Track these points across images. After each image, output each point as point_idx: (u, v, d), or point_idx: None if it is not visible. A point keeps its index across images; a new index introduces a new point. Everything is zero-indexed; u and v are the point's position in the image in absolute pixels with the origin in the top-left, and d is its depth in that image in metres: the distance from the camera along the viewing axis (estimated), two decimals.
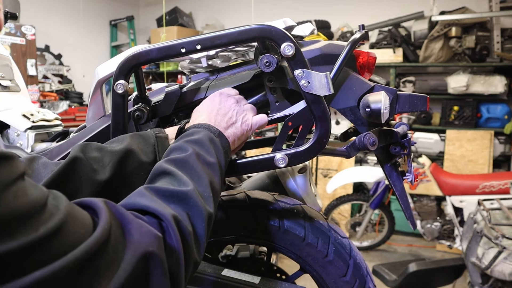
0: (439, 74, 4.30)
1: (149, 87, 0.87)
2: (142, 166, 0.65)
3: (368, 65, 0.78)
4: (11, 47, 3.80)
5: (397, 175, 0.79)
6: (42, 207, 0.34)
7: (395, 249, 3.86)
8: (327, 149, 0.75)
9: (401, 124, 0.76)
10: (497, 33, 3.87)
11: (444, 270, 2.51)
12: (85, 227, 0.37)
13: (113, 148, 0.65)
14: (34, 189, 0.35)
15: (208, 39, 0.67)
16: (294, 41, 0.65)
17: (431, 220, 3.40)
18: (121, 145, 0.65)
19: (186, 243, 0.47)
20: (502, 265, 1.99)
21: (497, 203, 2.45)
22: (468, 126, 3.93)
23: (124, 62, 0.71)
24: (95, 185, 0.61)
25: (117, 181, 0.63)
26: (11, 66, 1.13)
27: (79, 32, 5.37)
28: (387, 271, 2.62)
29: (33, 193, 0.34)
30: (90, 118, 0.85)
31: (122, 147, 0.65)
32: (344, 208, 3.90)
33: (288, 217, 0.88)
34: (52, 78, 4.83)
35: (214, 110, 0.70)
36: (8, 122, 1.00)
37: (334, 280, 0.87)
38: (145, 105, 0.77)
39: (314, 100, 0.68)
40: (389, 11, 4.38)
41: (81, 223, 0.37)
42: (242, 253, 1.06)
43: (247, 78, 0.77)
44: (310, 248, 0.87)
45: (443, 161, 3.90)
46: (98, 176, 0.61)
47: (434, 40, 3.94)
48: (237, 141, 0.70)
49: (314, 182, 2.06)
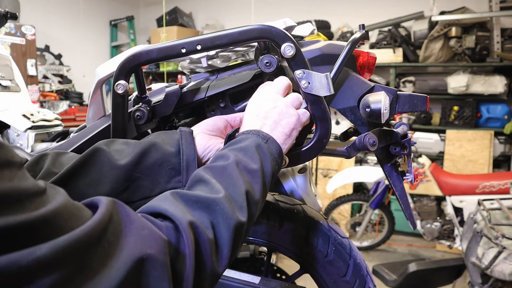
0: (439, 74, 4.30)
1: (149, 87, 0.87)
2: (165, 157, 0.64)
3: (368, 65, 0.78)
4: (11, 47, 3.80)
5: (397, 175, 0.79)
6: (30, 196, 0.33)
7: (395, 249, 3.87)
8: (327, 150, 0.75)
9: (401, 124, 0.76)
10: (497, 33, 3.87)
11: (444, 270, 2.51)
12: (81, 222, 0.36)
13: (137, 141, 0.65)
14: (25, 180, 0.34)
15: (208, 39, 0.67)
16: (295, 41, 0.65)
17: (431, 220, 3.40)
18: (145, 139, 0.66)
19: (200, 251, 0.46)
20: (502, 265, 1.99)
21: (497, 203, 2.45)
22: (468, 126, 3.93)
23: (124, 62, 0.71)
24: (115, 174, 0.61)
25: (138, 171, 0.62)
26: (11, 66, 1.13)
27: (79, 32, 5.37)
28: (387, 271, 2.62)
29: (22, 183, 0.33)
30: (90, 118, 0.85)
31: (147, 140, 0.65)
32: (344, 208, 3.91)
33: (288, 217, 0.88)
34: (52, 78, 4.83)
35: (263, 112, 0.66)
36: (8, 122, 1.00)
37: (334, 280, 0.87)
38: (145, 105, 0.77)
39: (314, 101, 0.68)
40: (389, 11, 4.38)
41: (77, 218, 0.36)
42: (242, 253, 1.06)
43: (247, 78, 0.77)
44: (310, 248, 0.87)
45: (443, 161, 3.91)
46: (118, 162, 0.61)
47: (434, 40, 3.94)
48: (288, 141, 0.67)
49: (314, 182, 2.06)
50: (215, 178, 0.54)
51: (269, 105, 0.67)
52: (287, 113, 0.66)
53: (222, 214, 0.49)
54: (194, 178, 0.56)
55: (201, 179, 0.54)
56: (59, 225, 0.34)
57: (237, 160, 0.57)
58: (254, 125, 0.66)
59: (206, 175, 0.55)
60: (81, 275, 0.33)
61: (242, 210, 0.52)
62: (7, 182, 0.32)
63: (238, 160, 0.57)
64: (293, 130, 0.66)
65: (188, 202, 0.49)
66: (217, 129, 0.72)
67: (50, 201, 0.35)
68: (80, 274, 0.33)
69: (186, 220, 0.45)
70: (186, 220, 0.45)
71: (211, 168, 0.56)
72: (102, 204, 0.40)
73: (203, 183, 0.53)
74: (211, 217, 0.49)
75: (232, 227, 0.50)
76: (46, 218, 0.33)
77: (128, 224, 0.40)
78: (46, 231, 0.32)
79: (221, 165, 0.56)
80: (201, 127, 0.71)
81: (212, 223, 0.49)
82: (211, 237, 0.48)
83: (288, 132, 0.66)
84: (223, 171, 0.55)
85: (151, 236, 0.41)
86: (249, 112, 0.69)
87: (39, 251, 0.31)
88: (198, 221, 0.47)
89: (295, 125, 0.66)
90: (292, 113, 0.67)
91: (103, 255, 0.36)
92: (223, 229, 0.49)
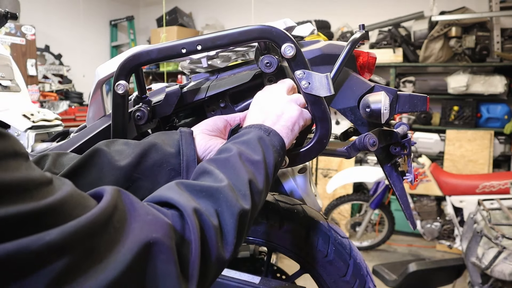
0: (439, 74, 4.30)
1: (150, 87, 0.87)
2: (165, 158, 0.64)
3: (368, 65, 0.78)
4: (11, 47, 3.80)
5: (397, 175, 0.79)
6: (38, 185, 0.34)
7: (395, 249, 3.87)
8: (327, 150, 0.75)
9: (401, 124, 0.76)
10: (497, 33, 3.87)
11: (444, 270, 2.51)
12: (87, 210, 0.37)
13: (137, 142, 0.66)
14: (32, 170, 0.35)
15: (208, 39, 0.67)
16: (295, 42, 0.65)
17: (431, 220, 3.40)
18: (145, 140, 0.67)
19: (206, 237, 0.47)
20: (502, 265, 1.99)
21: (497, 203, 2.46)
22: (468, 126, 3.93)
23: (125, 63, 0.71)
24: (115, 174, 0.61)
25: (138, 172, 0.63)
26: (11, 66, 1.13)
27: (79, 32, 5.37)
28: (387, 271, 2.62)
29: (30, 172, 0.34)
30: (90, 118, 0.85)
31: (146, 140, 0.66)
32: (344, 208, 3.91)
33: (288, 217, 0.88)
34: (52, 78, 4.83)
35: (266, 107, 0.68)
36: (8, 122, 1.00)
37: (334, 280, 0.87)
38: (145, 105, 0.77)
39: (315, 101, 0.68)
40: (389, 11, 4.38)
41: (83, 207, 0.37)
42: (242, 253, 1.06)
43: (247, 78, 0.77)
44: (310, 248, 0.87)
45: (443, 161, 3.91)
46: (118, 163, 0.62)
47: (434, 40, 3.94)
48: (291, 135, 0.67)
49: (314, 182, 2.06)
50: (218, 169, 0.55)
51: (272, 101, 0.68)
52: (289, 108, 0.67)
53: (226, 202, 0.50)
54: (198, 170, 0.57)
55: (205, 171, 0.55)
56: (66, 213, 0.35)
57: (240, 151, 0.58)
58: (257, 119, 0.67)
59: (209, 166, 0.56)
60: (89, 259, 0.34)
61: (246, 199, 0.53)
62: (16, 172, 0.32)
63: (240, 152, 0.58)
64: (295, 124, 0.67)
65: (192, 191, 0.50)
66: (217, 129, 0.73)
67: (57, 190, 0.35)
68: (88, 259, 0.34)
69: (191, 207, 0.46)
70: (191, 207, 0.46)
71: (215, 160, 0.58)
72: (107, 193, 0.41)
73: (207, 174, 0.55)
74: (215, 205, 0.50)
75: (236, 214, 0.51)
76: (53, 206, 0.34)
77: (132, 211, 0.41)
78: (54, 218, 0.33)
79: (224, 157, 0.57)
80: (201, 128, 0.72)
81: (217, 210, 0.50)
82: (216, 224, 0.48)
83: (290, 126, 0.66)
84: (226, 162, 0.56)
85: (156, 221, 0.42)
86: (253, 108, 0.70)
87: (48, 236, 0.31)
88: (203, 209, 0.48)
89: (297, 119, 0.67)
90: (295, 107, 0.68)
91: (109, 240, 0.37)
92: (227, 216, 0.50)
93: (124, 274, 0.36)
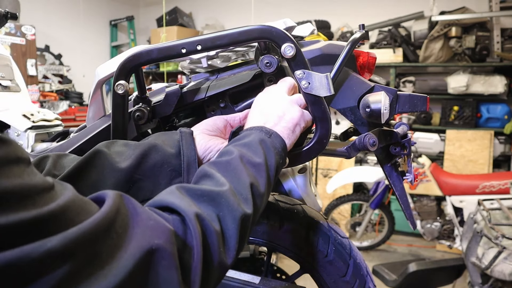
0: (439, 74, 4.30)
1: (149, 87, 0.87)
2: (165, 159, 0.64)
3: (368, 65, 0.78)
4: (11, 47, 3.80)
5: (397, 175, 0.79)
6: (40, 192, 0.34)
7: (395, 249, 3.87)
8: (327, 150, 0.75)
9: (401, 124, 0.76)
10: (497, 33, 3.87)
11: (444, 270, 2.51)
12: (89, 216, 0.37)
13: (137, 143, 0.65)
14: (34, 175, 0.35)
15: (208, 39, 0.67)
16: (295, 42, 0.65)
17: (431, 220, 3.40)
18: (145, 140, 0.66)
19: (208, 242, 0.47)
20: (502, 265, 1.99)
21: (497, 203, 2.46)
22: (468, 126, 3.93)
23: (125, 63, 0.71)
24: (116, 176, 0.61)
25: (139, 173, 0.63)
26: (11, 66, 1.13)
27: (79, 32, 5.37)
28: (387, 271, 2.62)
29: (32, 178, 0.34)
30: (90, 118, 0.85)
31: (147, 141, 0.66)
32: (344, 208, 3.91)
33: (288, 217, 0.88)
34: (52, 78, 4.83)
35: (266, 109, 0.67)
36: (8, 122, 1.00)
37: (334, 280, 0.87)
38: (145, 105, 0.77)
39: (315, 101, 0.68)
40: (389, 11, 4.38)
41: (85, 212, 0.37)
42: (242, 253, 1.06)
43: (247, 78, 0.77)
44: (310, 248, 0.87)
45: (443, 161, 3.91)
46: (119, 165, 0.61)
47: (434, 40, 3.94)
48: (292, 136, 0.67)
49: (314, 182, 2.06)
50: (220, 172, 0.55)
51: (273, 102, 0.68)
52: (290, 109, 0.67)
53: (228, 206, 0.50)
54: (199, 174, 0.56)
55: (206, 174, 0.55)
56: (68, 219, 0.34)
57: (241, 154, 0.58)
58: (258, 121, 0.67)
59: (210, 170, 0.55)
60: (91, 266, 0.34)
61: (247, 203, 0.53)
62: (18, 178, 0.32)
63: (242, 155, 0.58)
64: (297, 125, 0.67)
65: (193, 195, 0.50)
66: (217, 129, 0.72)
67: (59, 196, 0.35)
68: (90, 265, 0.34)
69: (192, 212, 0.46)
70: (193, 212, 0.46)
71: (216, 163, 0.57)
72: (108, 197, 0.40)
73: (208, 178, 0.54)
74: (216, 209, 0.50)
75: (238, 219, 0.50)
76: (55, 212, 0.33)
77: (135, 216, 0.41)
78: (56, 225, 0.33)
79: (225, 160, 0.57)
80: (201, 128, 0.71)
81: (218, 215, 0.49)
82: (218, 229, 0.48)
83: (292, 127, 0.66)
84: (227, 166, 0.56)
85: (157, 227, 0.41)
86: (253, 110, 0.70)
87: (49, 243, 0.31)
88: (204, 214, 0.48)
89: (298, 121, 0.67)
90: (296, 109, 0.67)
91: (112, 246, 0.36)
92: (229, 221, 0.50)
93: (126, 280, 0.36)
